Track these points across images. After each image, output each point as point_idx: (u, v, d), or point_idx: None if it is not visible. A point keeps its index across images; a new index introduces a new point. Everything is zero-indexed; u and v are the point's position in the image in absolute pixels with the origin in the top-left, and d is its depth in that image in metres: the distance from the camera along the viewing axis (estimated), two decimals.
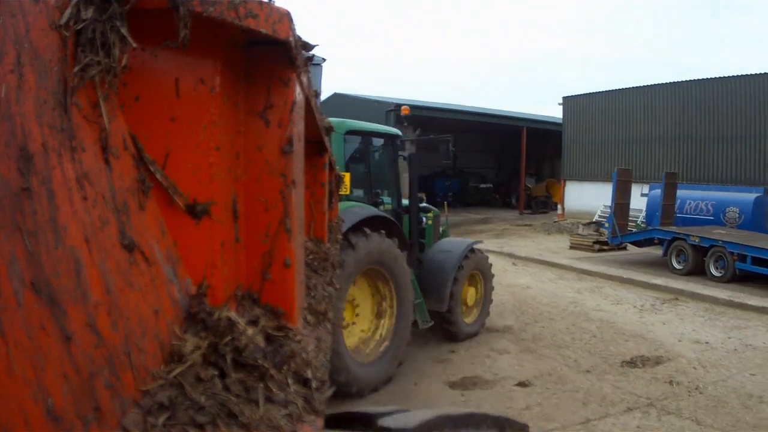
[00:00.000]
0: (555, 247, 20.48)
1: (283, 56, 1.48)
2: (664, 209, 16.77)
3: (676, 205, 17.50)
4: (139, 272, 1.09)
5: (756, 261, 13.03)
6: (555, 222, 27.96)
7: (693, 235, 14.36)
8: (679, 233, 14.78)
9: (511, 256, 18.12)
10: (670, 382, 7.50)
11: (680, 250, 14.78)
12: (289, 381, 1.33)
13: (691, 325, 10.23)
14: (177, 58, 1.26)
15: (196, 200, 1.32)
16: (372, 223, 7.03)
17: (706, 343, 9.27)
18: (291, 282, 1.55)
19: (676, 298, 12.37)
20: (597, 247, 19.20)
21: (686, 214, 18.06)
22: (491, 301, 9.90)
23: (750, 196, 17.42)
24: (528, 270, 15.97)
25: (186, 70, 1.30)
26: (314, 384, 1.40)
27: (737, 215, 17.13)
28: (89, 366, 0.87)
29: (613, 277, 14.56)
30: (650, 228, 16.42)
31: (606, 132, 29.03)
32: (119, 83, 1.08)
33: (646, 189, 20.87)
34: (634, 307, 11.60)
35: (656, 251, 17.52)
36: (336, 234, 5.32)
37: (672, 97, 25.68)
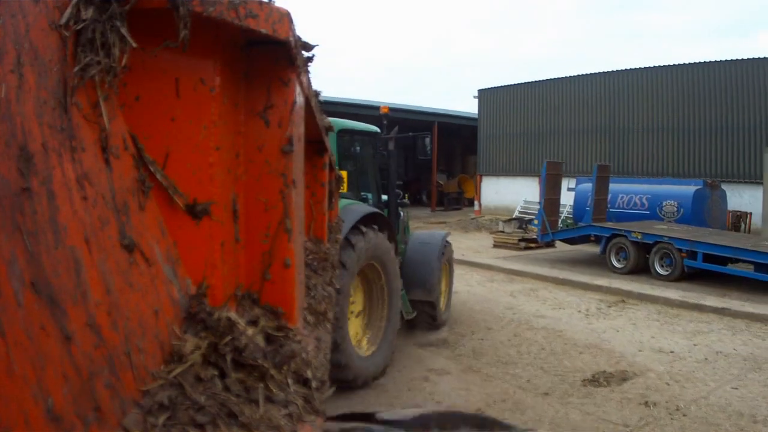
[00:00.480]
0: (477, 246, 19.11)
1: (283, 56, 1.48)
2: (596, 204, 15.72)
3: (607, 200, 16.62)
4: (139, 272, 1.09)
5: (707, 258, 12.25)
6: (472, 219, 26.73)
7: (635, 231, 13.51)
8: (620, 229, 13.86)
9: None
10: (646, 403, 6.51)
11: (620, 247, 13.87)
12: (289, 381, 1.33)
13: (647, 331, 9.31)
14: (177, 58, 1.26)
15: (196, 200, 1.32)
16: (367, 220, 7.15)
17: (671, 352, 8.31)
18: (291, 282, 1.55)
19: (623, 300, 11.42)
20: (523, 245, 18.17)
21: (619, 208, 17.06)
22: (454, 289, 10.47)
23: (689, 189, 16.35)
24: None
25: (186, 70, 1.30)
26: (314, 384, 1.40)
27: (675, 209, 16.25)
28: (89, 366, 0.87)
29: (547, 278, 13.50)
30: (586, 224, 15.24)
31: (524, 125, 28.42)
32: (119, 83, 1.08)
33: (572, 183, 19.83)
34: (579, 311, 10.49)
35: (588, 249, 16.55)
36: (336, 234, 5.33)
37: (596, 88, 25.03)
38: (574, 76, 26.03)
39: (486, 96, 30.71)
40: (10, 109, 0.77)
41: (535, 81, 28.04)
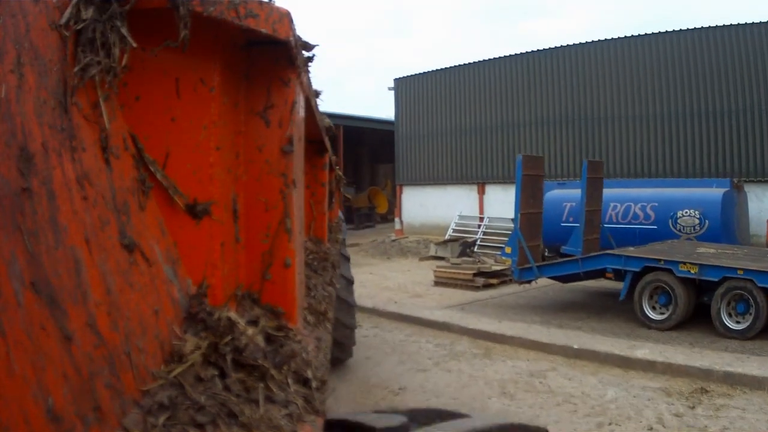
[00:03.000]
0: (409, 282, 13.17)
1: (283, 56, 1.48)
2: (588, 219, 10.74)
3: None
4: (139, 272, 1.10)
5: None
6: (393, 240, 20.22)
7: (686, 263, 8.46)
8: (658, 259, 8.77)
9: None
10: None
11: (659, 287, 8.72)
12: (290, 381, 1.33)
13: None
14: (177, 58, 1.26)
15: (196, 200, 1.32)
16: None
17: None
18: (291, 282, 1.56)
19: (703, 390, 6.40)
20: (481, 281, 12.13)
21: (611, 223, 12.21)
22: None
23: (714, 193, 11.68)
24: (384, 337, 8.86)
25: (186, 70, 1.30)
26: (314, 384, 1.40)
27: (697, 221, 11.57)
28: (89, 366, 0.87)
29: (551, 349, 7.86)
30: (600, 253, 9.92)
31: (457, 119, 21.01)
32: (119, 83, 1.08)
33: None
34: (651, 429, 5.51)
35: (587, 285, 11.48)
36: (336, 234, 5.33)
37: (563, 66, 18.44)
38: (527, 52, 19.42)
39: (404, 86, 22.97)
40: (10, 109, 0.78)
41: (472, 62, 20.74)
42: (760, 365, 6.79)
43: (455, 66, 21.27)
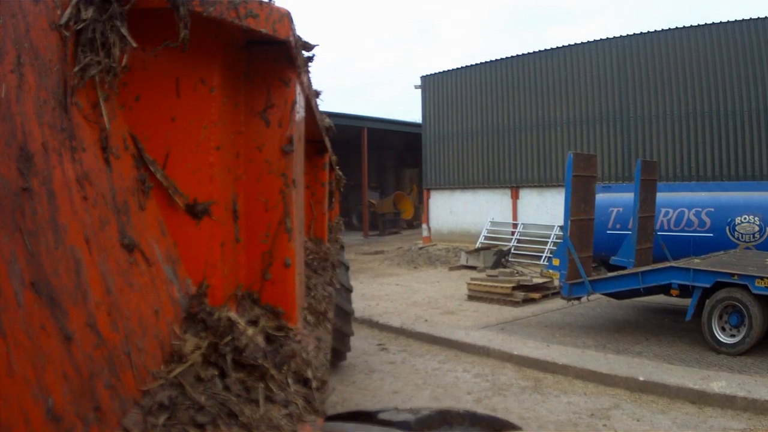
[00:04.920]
0: (440, 296, 11.96)
1: (283, 56, 1.48)
2: (641, 225, 9.81)
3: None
4: (139, 272, 1.10)
5: None
6: (420, 248, 19.01)
7: (763, 278, 7.37)
8: (731, 273, 7.69)
9: (372, 325, 9.56)
10: None
11: (730, 305, 7.69)
12: (290, 381, 1.33)
13: None
14: (177, 58, 1.26)
15: (197, 200, 1.32)
16: None
17: None
18: (291, 282, 1.56)
19: None
20: (521, 296, 10.87)
21: (664, 230, 11.24)
22: None
23: None
24: (415, 364, 7.84)
25: (186, 70, 1.30)
26: (315, 384, 1.40)
27: (757, 227, 10.51)
28: (89, 366, 0.87)
29: (613, 381, 6.81)
30: (663, 266, 8.60)
31: (488, 119, 19.62)
32: (119, 83, 1.08)
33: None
34: None
35: (638, 302, 10.34)
36: (336, 234, 5.33)
37: (602, 60, 16.92)
38: (563, 46, 17.72)
39: (432, 83, 21.41)
40: (10, 109, 0.77)
41: (503, 58, 19.31)
42: None
43: (486, 62, 19.62)
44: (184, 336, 1.22)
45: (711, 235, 10.83)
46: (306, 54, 1.88)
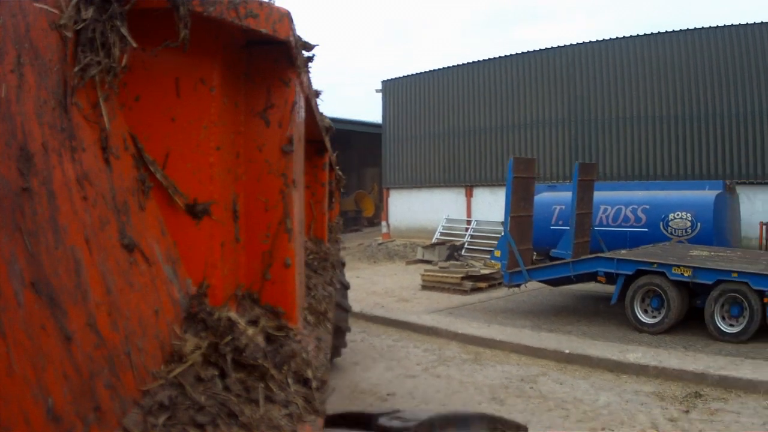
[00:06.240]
0: (397, 286, 12.97)
1: (283, 56, 1.48)
2: (579, 222, 10.79)
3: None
4: (139, 272, 1.10)
5: None
6: (380, 244, 19.87)
7: (680, 266, 8.46)
8: (651, 262, 8.77)
9: None
10: None
11: (651, 290, 8.73)
12: (290, 381, 1.33)
13: None
14: (177, 58, 1.26)
15: (197, 200, 1.32)
16: None
17: None
18: (291, 282, 1.56)
19: (697, 394, 6.39)
20: (469, 285, 12.00)
21: (602, 226, 12.19)
22: None
23: (707, 195, 11.71)
24: (372, 342, 8.73)
25: (186, 70, 1.30)
26: (315, 384, 1.40)
27: (689, 223, 11.57)
28: (89, 366, 0.87)
29: (543, 353, 7.80)
30: (592, 257, 9.85)
31: (445, 122, 21.09)
32: (119, 83, 1.08)
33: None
34: None
35: (574, 289, 11.39)
36: (336, 234, 5.33)
37: (551, 68, 18.36)
38: (516, 54, 19.34)
39: (392, 88, 22.89)
40: (10, 109, 0.78)
41: (460, 64, 20.76)
42: (754, 369, 6.79)
43: (443, 68, 21.25)
44: (184, 336, 1.22)
45: (646, 230, 11.84)
46: (306, 54, 1.88)
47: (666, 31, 16.56)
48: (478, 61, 20.27)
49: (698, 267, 8.37)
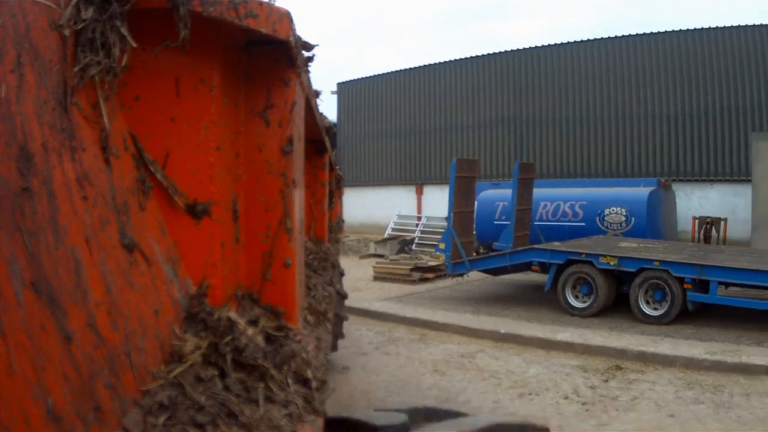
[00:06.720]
0: (351, 278, 12.62)
1: (283, 56, 1.48)
2: (519, 217, 11.70)
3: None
4: (139, 272, 1.10)
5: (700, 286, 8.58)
6: None
7: (606, 256, 9.24)
8: (580, 252, 9.53)
9: None
10: None
11: (581, 278, 9.46)
12: (290, 381, 1.33)
13: (705, 429, 5.42)
14: (177, 58, 1.26)
15: (197, 200, 1.32)
16: None
17: None
18: (291, 282, 1.56)
19: (618, 367, 7.05)
20: (418, 276, 12.89)
21: (542, 221, 13.02)
22: None
23: (641, 192, 12.71)
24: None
25: (186, 70, 1.30)
26: (314, 384, 1.40)
27: (624, 218, 12.51)
28: (89, 366, 0.87)
29: (481, 333, 8.54)
30: (527, 248, 10.76)
31: (398, 122, 22.24)
32: (119, 83, 1.08)
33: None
34: (566, 398, 6.12)
35: (516, 278, 12.32)
36: (336, 234, 5.33)
37: (497, 72, 19.58)
38: (464, 58, 20.46)
39: (347, 90, 24.03)
40: (10, 109, 0.78)
41: (411, 68, 21.93)
42: (672, 346, 7.51)
43: (396, 71, 22.55)
44: (184, 336, 1.22)
45: (583, 224, 12.84)
46: (306, 54, 1.88)
47: (603, 38, 17.77)
48: (429, 65, 21.60)
49: (623, 256, 9.18)
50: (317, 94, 2.86)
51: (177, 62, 1.28)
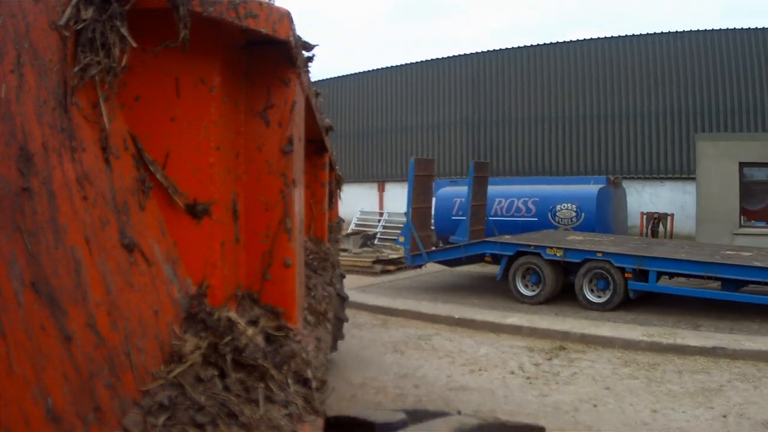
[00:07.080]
0: None
1: (283, 56, 1.48)
2: (474, 212, 12.49)
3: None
4: (139, 272, 1.10)
5: (659, 278, 9.21)
6: None
7: (552, 248, 9.93)
8: (528, 245, 10.26)
9: None
10: None
11: (530, 269, 10.22)
12: (289, 381, 1.33)
13: (638, 401, 5.82)
14: (177, 58, 1.26)
15: (197, 200, 1.32)
16: None
17: None
18: (291, 282, 1.56)
19: (562, 347, 7.78)
20: (379, 268, 13.75)
21: (497, 216, 13.82)
22: None
23: (590, 189, 13.43)
24: None
25: (186, 70, 1.30)
26: (314, 384, 1.40)
27: (574, 214, 13.24)
28: (89, 366, 0.87)
29: (437, 318, 9.51)
30: (479, 241, 11.49)
31: (358, 122, 23.12)
32: (119, 83, 1.08)
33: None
34: (512, 373, 6.82)
35: (471, 270, 13.05)
36: (336, 234, 5.33)
37: (455, 73, 20.64)
38: (423, 61, 21.53)
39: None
40: (10, 109, 0.77)
41: (373, 70, 22.87)
42: (612, 329, 8.30)
43: (358, 73, 23.56)
44: (184, 336, 1.22)
45: (536, 219, 13.62)
46: (306, 54, 1.88)
47: (555, 42, 18.90)
48: (389, 67, 22.63)
49: (568, 248, 9.89)
50: (317, 94, 2.86)
51: (177, 62, 1.28)
